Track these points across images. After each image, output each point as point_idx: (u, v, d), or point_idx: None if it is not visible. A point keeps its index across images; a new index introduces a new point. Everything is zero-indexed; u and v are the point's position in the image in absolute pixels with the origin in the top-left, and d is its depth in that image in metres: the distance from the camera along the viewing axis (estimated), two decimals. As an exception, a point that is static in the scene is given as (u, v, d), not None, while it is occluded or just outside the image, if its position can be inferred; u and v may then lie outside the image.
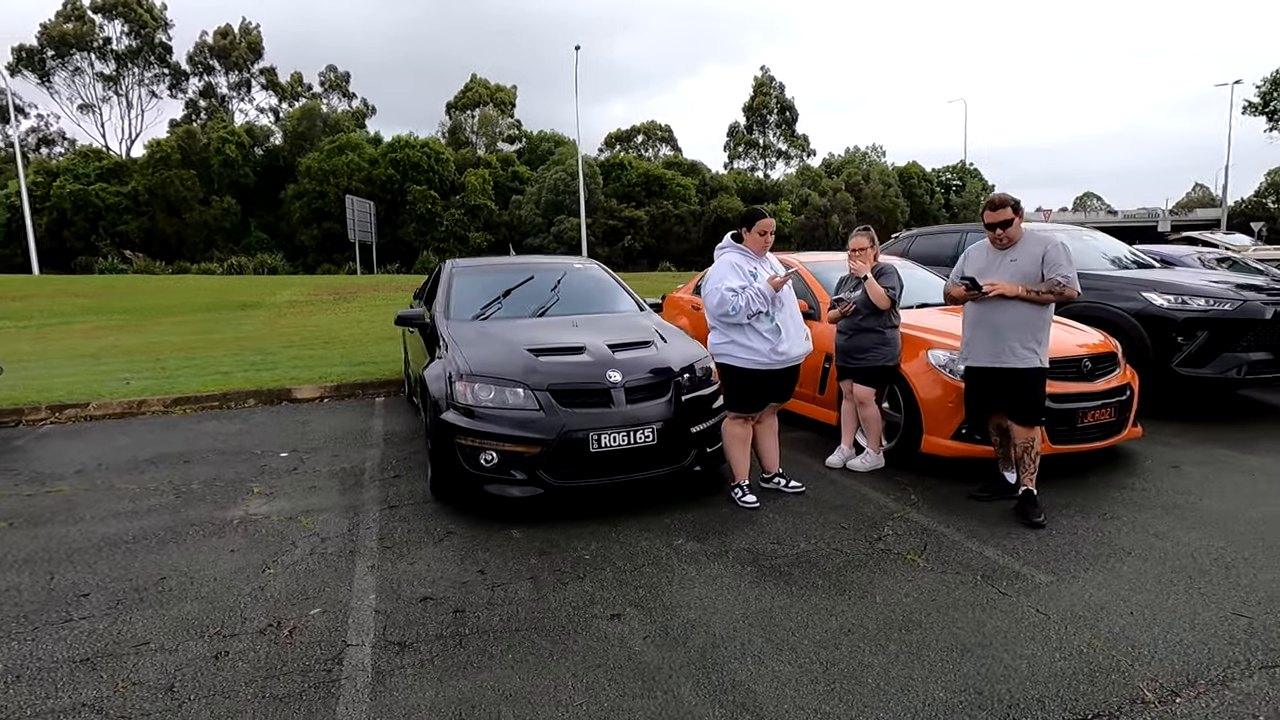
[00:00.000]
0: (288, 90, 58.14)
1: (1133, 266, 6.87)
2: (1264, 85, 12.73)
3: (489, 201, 40.77)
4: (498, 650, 2.57)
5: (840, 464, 4.63)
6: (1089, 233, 7.67)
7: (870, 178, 59.94)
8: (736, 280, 3.80)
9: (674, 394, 3.95)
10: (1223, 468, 4.52)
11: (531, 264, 5.99)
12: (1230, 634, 2.59)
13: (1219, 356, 5.57)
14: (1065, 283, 3.60)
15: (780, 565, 3.23)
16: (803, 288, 5.66)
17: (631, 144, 70.10)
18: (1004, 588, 2.98)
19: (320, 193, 38.03)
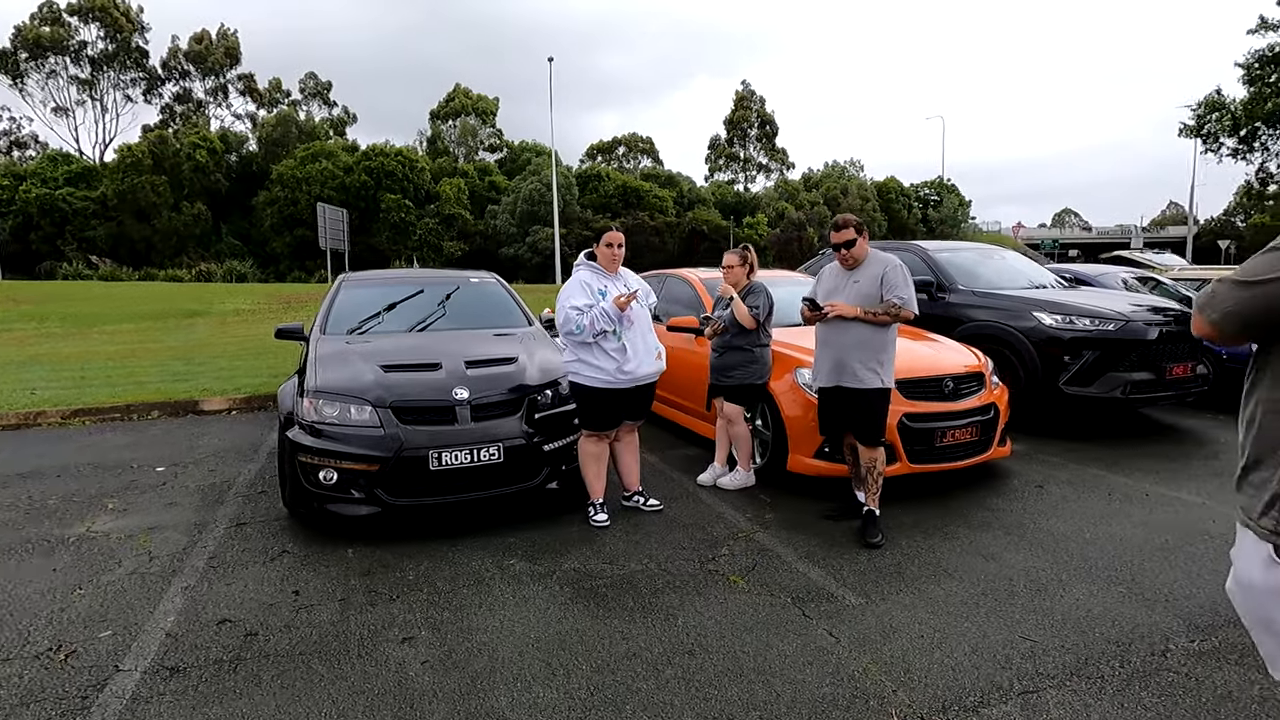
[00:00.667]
0: (265, 97, 57.86)
1: (1046, 287, 6.96)
2: (1198, 109, 12.99)
3: (464, 211, 40.73)
4: (269, 676, 2.53)
5: (711, 482, 4.63)
6: (1002, 252, 7.78)
7: (848, 192, 60.52)
8: (582, 299, 3.80)
9: (527, 411, 3.94)
10: (1085, 487, 4.56)
11: (424, 278, 5.97)
12: (1008, 657, 2.60)
13: (1103, 376, 5.64)
14: (901, 304, 3.63)
15: (600, 587, 3.21)
16: (700, 305, 5.69)
17: (613, 155, 70.43)
18: (810, 610, 2.98)
19: (292, 200, 37.82)
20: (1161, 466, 5.01)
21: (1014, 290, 6.51)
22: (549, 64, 32.95)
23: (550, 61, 32.92)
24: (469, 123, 57.95)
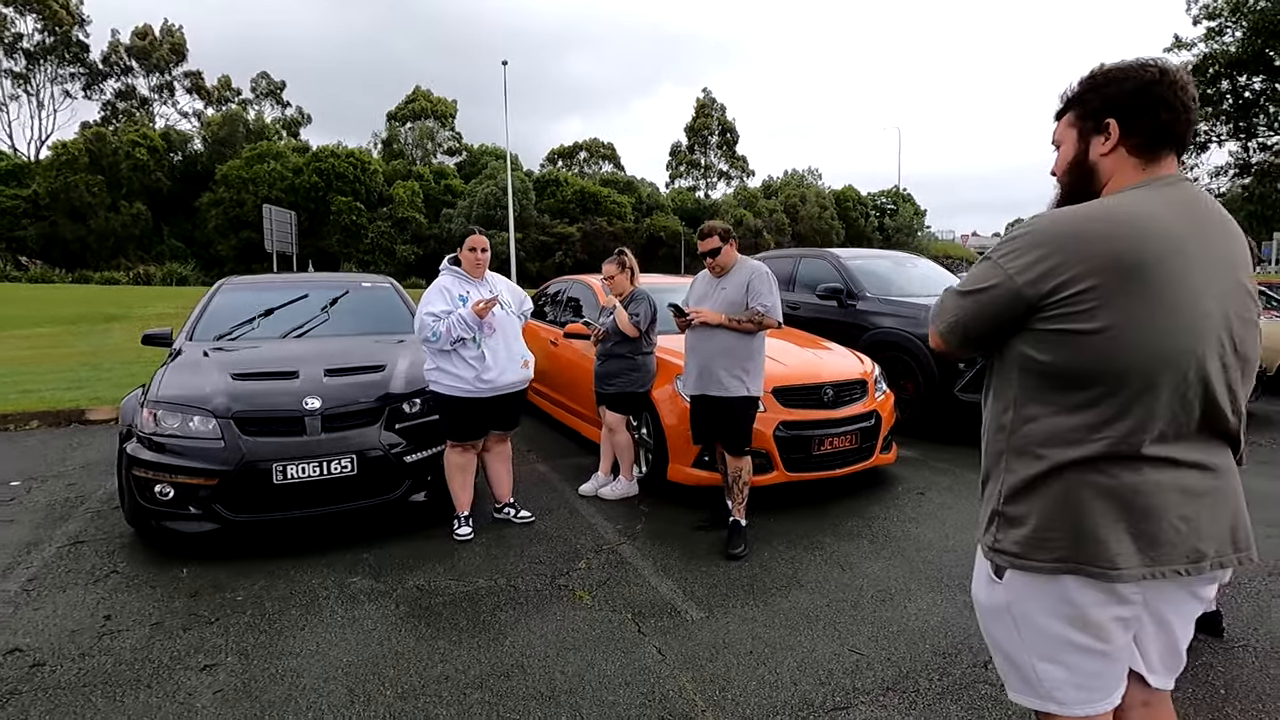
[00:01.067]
0: (214, 95, 56.30)
1: None
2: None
3: (418, 214, 40.08)
4: (39, 712, 2.34)
5: (592, 492, 4.53)
6: (916, 260, 7.88)
7: (806, 200, 61.42)
8: (441, 305, 3.67)
9: (389, 421, 3.79)
10: (966, 494, 4.59)
11: (311, 282, 5.76)
12: (830, 672, 2.55)
13: (996, 383, 5.71)
14: (765, 312, 3.59)
15: (439, 605, 3.08)
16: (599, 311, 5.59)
17: (574, 160, 70.30)
18: (648, 627, 2.89)
19: (238, 201, 36.74)
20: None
21: (919, 298, 6.57)
22: (503, 67, 32.65)
23: (505, 65, 32.60)
24: (426, 125, 57.22)
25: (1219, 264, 1.27)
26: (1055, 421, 1.32)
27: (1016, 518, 1.37)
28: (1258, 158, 13.22)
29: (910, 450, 5.64)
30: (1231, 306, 1.26)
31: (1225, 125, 12.96)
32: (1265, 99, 12.34)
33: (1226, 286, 1.26)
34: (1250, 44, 11.91)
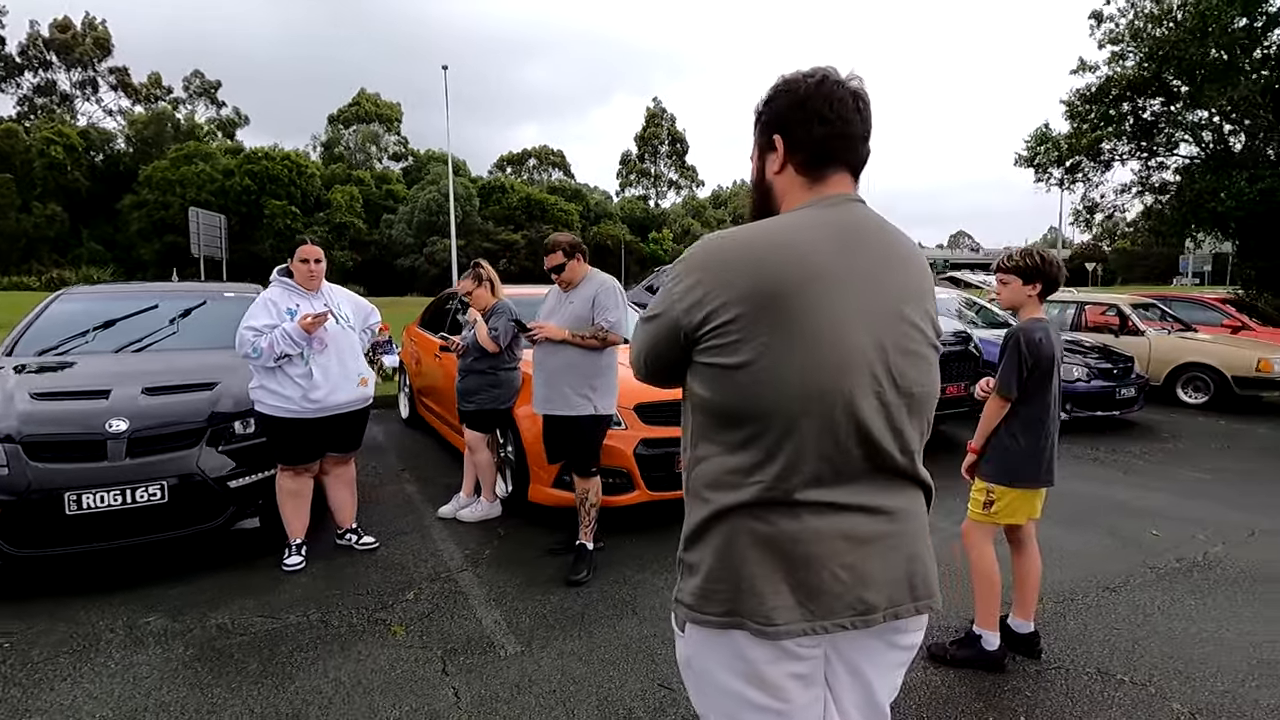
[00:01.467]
0: (143, 92, 54.02)
1: None
2: (1030, 141, 13.94)
3: (357, 219, 39.12)
4: None
5: (451, 514, 4.33)
6: None
7: (754, 210, 62.20)
8: (263, 318, 3.43)
9: (216, 442, 3.52)
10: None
11: (164, 291, 5.39)
12: (630, 710, 2.41)
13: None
14: (609, 327, 3.47)
15: (234, 646, 2.83)
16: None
17: (524, 167, 69.89)
18: (455, 664, 2.71)
19: (164, 203, 35.19)
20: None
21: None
22: (444, 72, 32.12)
23: (445, 70, 32.09)
24: (370, 129, 56.02)
25: (874, 292, 1.16)
26: (719, 463, 1.20)
27: (691, 565, 1.25)
28: (1156, 177, 13.88)
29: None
30: (889, 338, 1.15)
31: (1127, 145, 13.56)
32: (1163, 121, 12.95)
33: (882, 317, 1.15)
34: (1147, 68, 12.50)
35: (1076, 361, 7.07)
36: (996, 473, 2.66)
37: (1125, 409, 7.27)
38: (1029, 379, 2.57)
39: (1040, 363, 2.56)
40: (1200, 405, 8.40)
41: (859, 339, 1.12)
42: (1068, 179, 13.86)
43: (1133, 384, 7.28)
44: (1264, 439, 6.84)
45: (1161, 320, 9.71)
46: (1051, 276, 2.61)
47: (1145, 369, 8.87)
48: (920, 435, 1.24)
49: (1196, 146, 13.09)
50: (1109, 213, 14.67)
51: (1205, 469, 5.68)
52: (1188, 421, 7.64)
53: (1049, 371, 2.58)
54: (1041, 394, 2.60)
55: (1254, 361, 8.07)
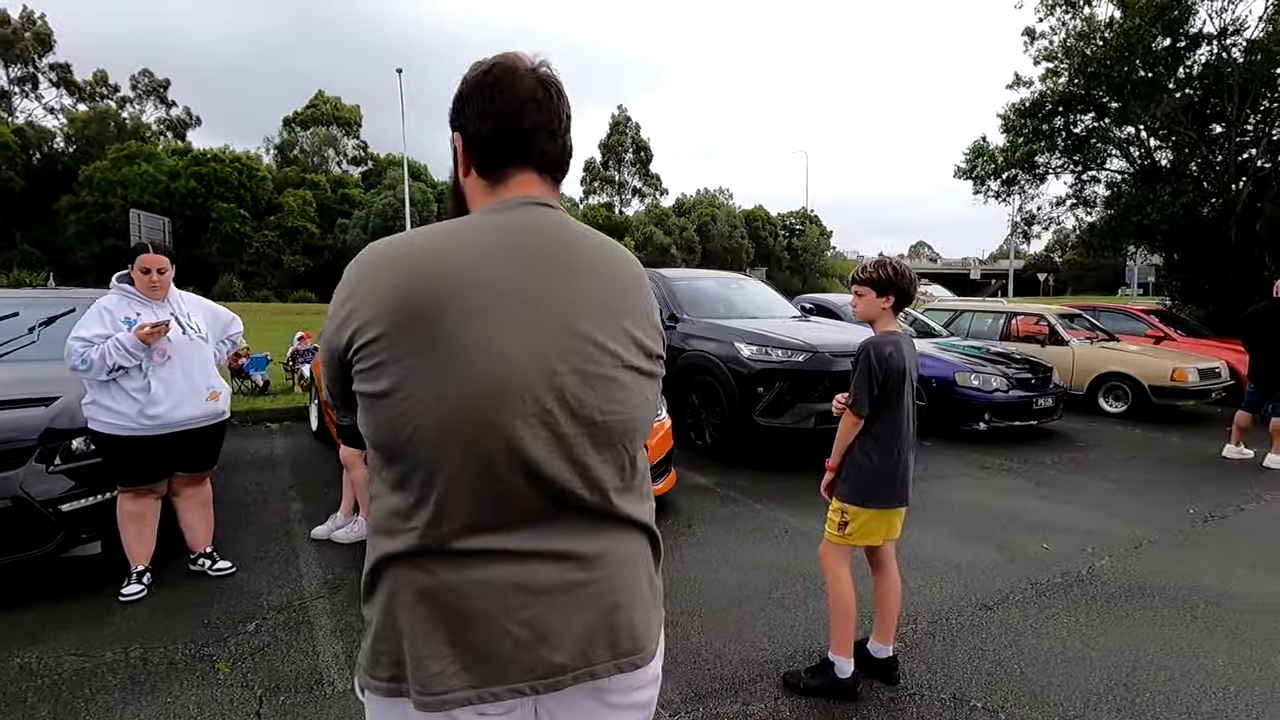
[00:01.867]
0: (87, 90, 52.13)
1: (778, 318, 7.01)
2: (968, 154, 14.20)
3: (309, 224, 38.22)
4: None
5: (326, 534, 4.10)
6: (744, 281, 7.85)
7: (718, 219, 62.76)
8: (96, 328, 3.18)
9: (39, 462, 3.25)
10: (736, 525, 4.44)
11: (27, 299, 5.06)
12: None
13: (794, 407, 5.67)
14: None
15: (30, 689, 2.57)
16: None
17: (486, 173, 69.19)
18: (273, 705, 2.49)
19: (104, 205, 33.90)
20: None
21: (734, 321, 6.48)
22: (399, 75, 31.64)
23: (399, 73, 31.61)
24: (326, 132, 54.95)
25: (546, 309, 1.00)
26: (382, 504, 1.04)
27: (366, 622, 1.08)
28: (1089, 190, 14.25)
29: (706, 476, 5.49)
30: (562, 361, 0.99)
31: (1060, 159, 13.89)
32: (1094, 136, 13.29)
33: (554, 336, 0.99)
34: (1077, 84, 12.83)
35: (995, 372, 7.12)
36: (850, 492, 2.56)
37: (1044, 418, 7.35)
38: (880, 394, 2.48)
39: (890, 377, 2.47)
40: (1120, 414, 8.56)
41: (519, 362, 0.97)
42: (1004, 191, 14.14)
43: (1051, 394, 7.36)
44: (1173, 448, 6.96)
45: (1088, 330, 9.90)
46: (903, 289, 2.52)
47: (1069, 379, 9.03)
48: (621, 469, 1.08)
49: (1125, 161, 13.48)
50: (1046, 224, 15.02)
51: (1112, 479, 5.73)
52: (1105, 430, 7.75)
53: (899, 386, 2.49)
54: (893, 410, 2.51)
55: (1169, 371, 8.25)
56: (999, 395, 7.02)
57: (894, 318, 2.56)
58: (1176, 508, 4.99)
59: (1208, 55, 12.45)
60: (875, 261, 2.58)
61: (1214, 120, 12.68)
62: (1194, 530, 4.50)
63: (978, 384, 7.02)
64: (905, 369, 2.49)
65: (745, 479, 5.45)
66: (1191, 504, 5.07)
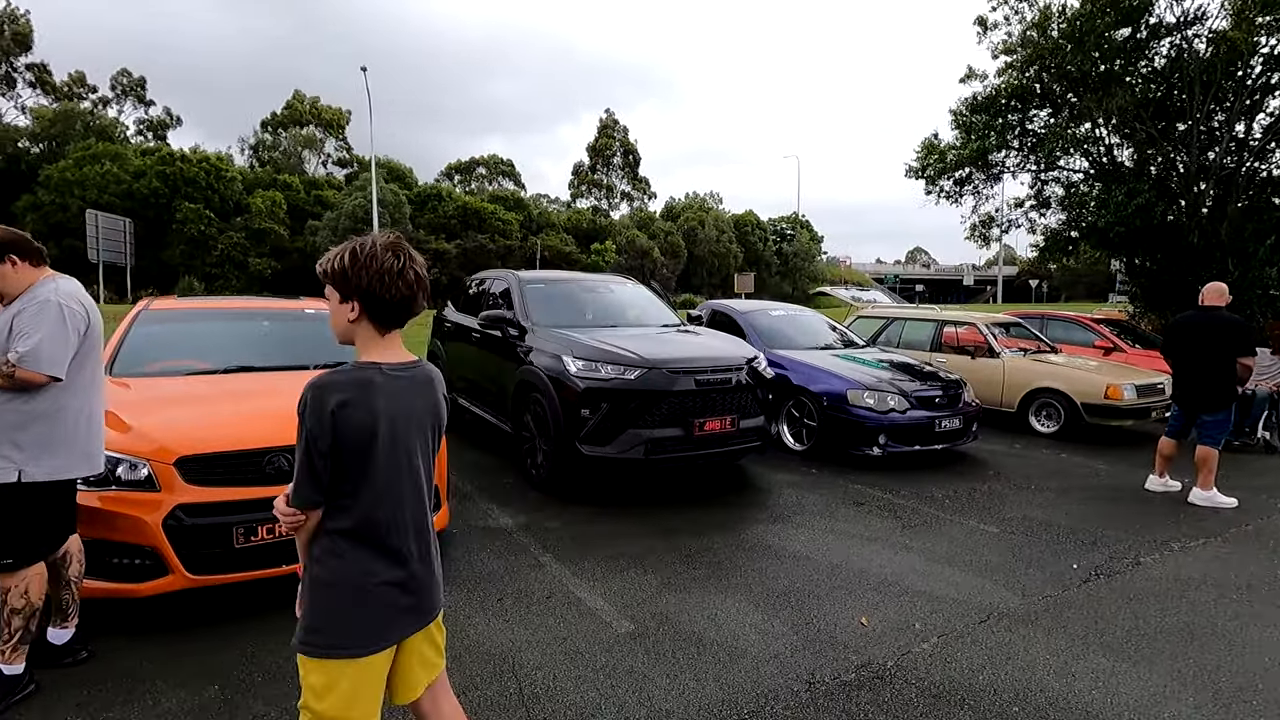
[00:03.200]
0: (64, 91, 51.56)
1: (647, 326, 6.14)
2: (919, 151, 13.35)
3: (278, 226, 37.35)
4: None
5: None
6: (612, 284, 6.94)
7: (705, 224, 62.11)
8: None
9: None
10: (494, 586, 3.57)
11: None
12: None
13: (623, 433, 4.80)
14: (17, 360, 2.44)
15: None
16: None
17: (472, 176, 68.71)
18: None
19: (62, 205, 33.08)
20: (634, 548, 4.15)
21: (579, 330, 5.60)
22: (363, 73, 30.88)
23: (364, 71, 30.87)
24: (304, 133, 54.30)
25: None
26: None
27: None
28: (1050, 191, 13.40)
29: (516, 515, 4.63)
30: None
31: (1016, 157, 13.06)
32: (1050, 133, 12.46)
33: None
34: (1030, 76, 12.00)
35: (892, 390, 6.25)
36: (308, 635, 1.54)
37: (954, 441, 6.48)
38: (341, 469, 1.52)
39: (350, 441, 1.49)
40: (1051, 434, 7.69)
41: None
42: (956, 191, 13.28)
43: (961, 414, 6.49)
44: (1093, 478, 6.09)
45: (1028, 340, 9.05)
46: (370, 289, 1.55)
47: (999, 394, 8.17)
48: None
49: (1086, 161, 12.63)
50: (1004, 226, 14.15)
51: (1001, 519, 4.86)
52: (1027, 454, 6.88)
53: (366, 451, 1.51)
54: (365, 491, 1.54)
55: (1103, 388, 7.38)
56: (896, 416, 6.15)
57: (382, 337, 1.60)
58: (1061, 560, 4.12)
59: (1169, 47, 11.63)
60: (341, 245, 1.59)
61: (1176, 117, 11.85)
62: (1065, 595, 3.63)
63: (871, 403, 6.14)
64: (378, 426, 1.52)
65: (562, 520, 4.59)
66: (1082, 555, 4.21)
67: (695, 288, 57.69)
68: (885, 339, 9.63)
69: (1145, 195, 10.81)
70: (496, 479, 5.52)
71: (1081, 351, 9.59)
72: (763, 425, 5.34)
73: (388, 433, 1.54)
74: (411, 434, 1.59)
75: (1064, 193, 12.32)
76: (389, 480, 1.56)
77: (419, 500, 1.63)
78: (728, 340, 5.98)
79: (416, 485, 1.62)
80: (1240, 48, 10.48)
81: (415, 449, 1.61)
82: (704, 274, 64.57)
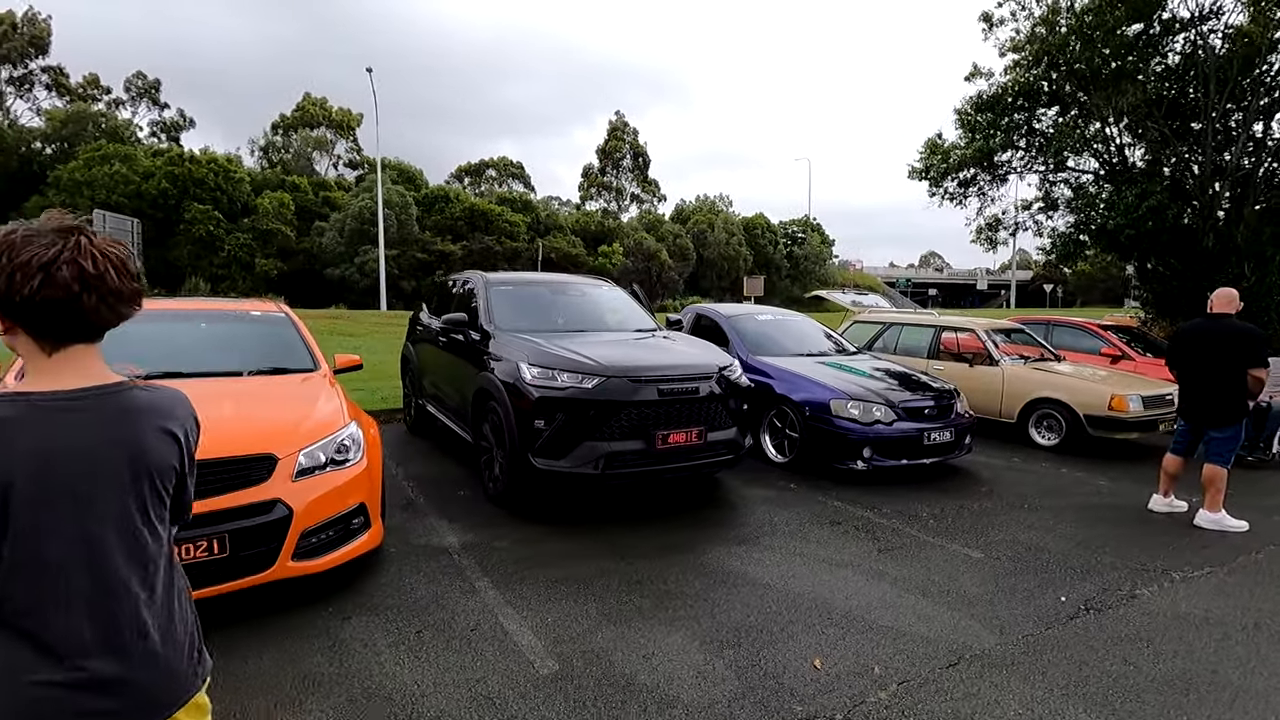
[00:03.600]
0: (79, 93, 52.19)
1: (639, 334, 5.82)
2: (923, 152, 12.97)
3: (284, 227, 37.41)
4: None
5: None
6: (584, 287, 6.63)
7: (715, 226, 61.80)
8: None
9: None
10: (414, 618, 3.27)
11: None
12: None
13: (579, 445, 4.49)
14: None
15: None
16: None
17: (481, 178, 68.86)
18: None
19: (72, 206, 33.12)
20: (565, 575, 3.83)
21: (542, 335, 5.28)
22: (369, 74, 30.89)
23: (369, 72, 30.88)
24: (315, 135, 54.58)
25: None
26: None
27: None
28: (1059, 192, 12.97)
29: (465, 533, 4.33)
30: None
31: (1023, 157, 12.64)
32: (1058, 132, 12.04)
33: None
34: (1037, 74, 11.59)
35: (878, 400, 5.90)
36: None
37: (945, 455, 6.12)
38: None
39: None
40: (1052, 447, 7.29)
41: None
42: (960, 193, 12.87)
43: (953, 425, 6.12)
44: (1094, 496, 5.70)
45: (1030, 347, 8.65)
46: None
47: (998, 404, 7.78)
48: None
49: (1095, 161, 12.19)
50: (1011, 229, 13.72)
51: (987, 542, 4.50)
52: (1025, 469, 6.49)
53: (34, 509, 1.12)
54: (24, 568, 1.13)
55: (1107, 398, 6.98)
56: (881, 428, 5.79)
57: (49, 356, 1.18)
58: (1047, 591, 3.76)
59: (1184, 43, 11.18)
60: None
61: (1190, 116, 11.39)
62: (1047, 635, 3.28)
63: (856, 414, 5.79)
64: (13, 475, 1.10)
65: (511, 539, 4.28)
66: (1072, 585, 3.84)
67: (704, 291, 57.37)
68: (881, 345, 9.27)
69: (1158, 196, 10.37)
70: (452, 491, 5.23)
71: (1088, 359, 9.17)
72: (735, 438, 5.00)
73: (35, 482, 1.13)
74: (92, 481, 1.18)
75: (1073, 194, 11.86)
76: (38, 546, 1.13)
77: (107, 570, 1.19)
78: (700, 347, 5.65)
79: (101, 551, 1.19)
80: (1258, 43, 10.03)
81: (100, 500, 1.18)
82: (713, 277, 64.12)
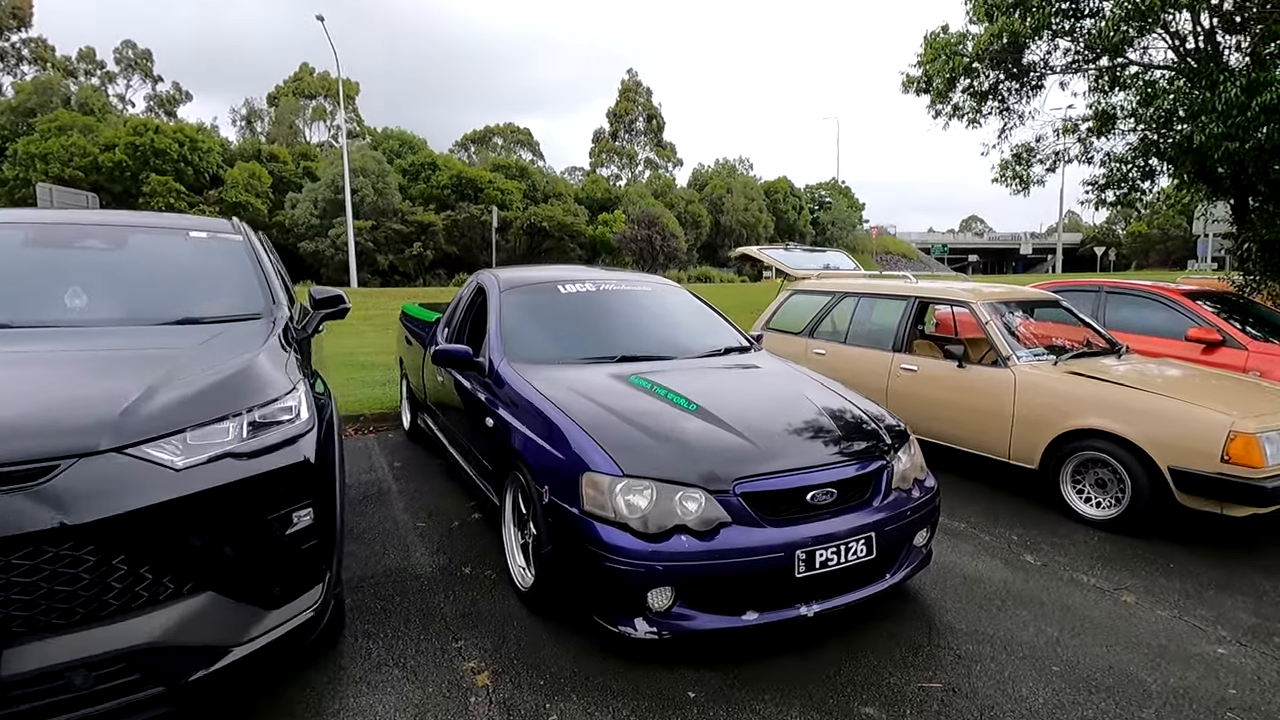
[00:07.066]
0: (64, 66, 50.50)
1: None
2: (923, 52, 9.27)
3: (254, 199, 34.91)
4: None
5: None
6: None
7: (733, 190, 57.79)
8: None
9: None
10: None
11: None
12: None
13: None
14: None
15: None
16: None
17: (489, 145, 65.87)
18: None
19: (26, 180, 31.26)
20: None
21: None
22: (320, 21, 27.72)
23: (320, 20, 27.69)
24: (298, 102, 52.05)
25: None
26: None
27: None
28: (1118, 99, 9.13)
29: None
30: None
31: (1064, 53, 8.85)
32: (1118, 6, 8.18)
33: None
34: None
35: (688, 477, 2.60)
36: None
37: (854, 589, 2.81)
38: None
39: None
40: (1107, 521, 3.90)
41: None
42: (974, 109, 9.15)
43: (876, 519, 2.79)
44: (1209, 683, 2.34)
45: (1066, 329, 5.20)
46: None
47: (1008, 435, 4.40)
48: None
49: (1170, 51, 8.36)
50: (1049, 163, 9.95)
51: None
52: (1041, 590, 3.13)
53: None
54: None
55: (1220, 435, 3.53)
56: (684, 544, 2.50)
57: None
58: None
59: None
60: None
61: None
62: None
63: (639, 505, 2.51)
64: None
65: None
66: None
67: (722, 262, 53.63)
68: (830, 327, 5.91)
69: (1276, 90, 6.59)
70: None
71: (1165, 348, 5.66)
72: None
73: None
74: None
75: (1138, 100, 8.03)
76: None
77: None
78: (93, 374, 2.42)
79: None
80: None
81: None
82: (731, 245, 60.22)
